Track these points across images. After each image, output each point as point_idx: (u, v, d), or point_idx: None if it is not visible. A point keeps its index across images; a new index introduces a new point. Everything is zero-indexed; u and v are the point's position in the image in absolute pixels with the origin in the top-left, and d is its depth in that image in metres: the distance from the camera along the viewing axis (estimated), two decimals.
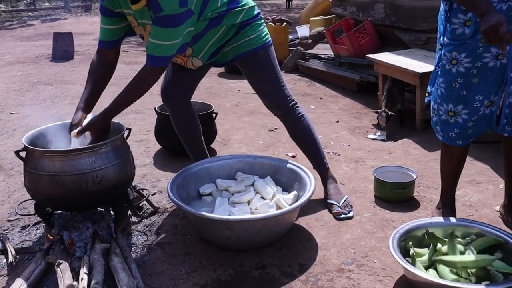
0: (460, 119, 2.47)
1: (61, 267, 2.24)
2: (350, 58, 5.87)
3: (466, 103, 2.43)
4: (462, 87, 2.41)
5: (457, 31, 2.36)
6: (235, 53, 2.76)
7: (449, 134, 2.54)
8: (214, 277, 2.33)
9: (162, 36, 2.41)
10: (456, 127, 2.50)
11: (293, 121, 2.93)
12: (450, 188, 2.74)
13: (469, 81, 2.39)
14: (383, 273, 2.33)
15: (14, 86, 6.21)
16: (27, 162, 2.51)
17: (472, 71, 2.37)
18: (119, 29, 2.66)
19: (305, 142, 3.00)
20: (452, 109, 2.47)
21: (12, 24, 13.48)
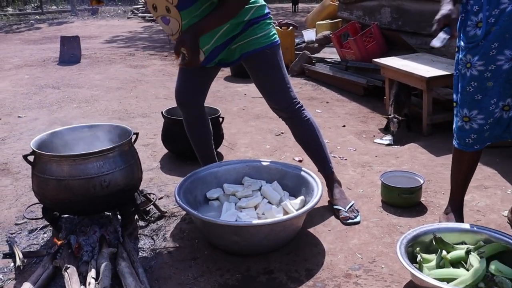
0: (475, 125, 2.44)
1: (68, 271, 2.24)
2: (357, 62, 5.87)
3: (481, 108, 2.40)
4: (476, 91, 2.39)
5: (470, 33, 2.35)
6: (241, 51, 2.73)
7: (465, 141, 2.51)
8: (221, 282, 2.33)
9: None
10: (472, 132, 2.47)
11: (299, 124, 2.90)
12: (459, 194, 2.72)
13: (483, 85, 2.36)
14: (391, 279, 2.32)
15: (21, 89, 6.23)
16: (35, 166, 2.52)
17: (486, 74, 2.34)
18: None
19: (310, 146, 2.97)
20: (467, 114, 2.45)
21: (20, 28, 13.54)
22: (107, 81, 6.66)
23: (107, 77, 6.87)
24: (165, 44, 9.83)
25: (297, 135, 2.97)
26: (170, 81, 6.68)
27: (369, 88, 5.56)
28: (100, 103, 5.60)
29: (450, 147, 3.81)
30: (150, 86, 6.41)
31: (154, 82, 6.62)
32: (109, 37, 11.21)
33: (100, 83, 6.56)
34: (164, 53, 8.67)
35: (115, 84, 6.50)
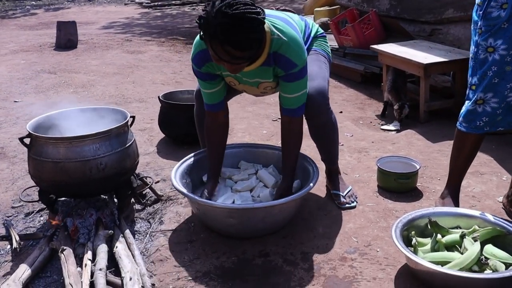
0: (488, 108, 2.45)
1: (65, 253, 2.26)
2: (355, 49, 5.85)
3: (496, 91, 2.40)
4: (494, 74, 2.38)
5: (493, 14, 2.31)
6: None
7: (476, 124, 2.50)
8: (217, 265, 2.34)
9: (303, 86, 2.46)
10: (484, 115, 2.47)
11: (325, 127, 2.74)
12: (457, 179, 2.73)
13: (502, 69, 2.36)
14: (386, 262, 2.34)
15: (17, 74, 6.20)
16: (31, 148, 2.52)
17: (507, 59, 2.34)
18: (222, 88, 2.61)
19: (326, 144, 2.85)
20: (482, 97, 2.44)
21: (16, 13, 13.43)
22: (103, 66, 6.63)
23: (104, 63, 6.83)
24: (163, 30, 9.78)
25: (316, 135, 2.80)
26: (167, 66, 6.65)
27: (366, 75, 5.55)
28: (96, 88, 5.58)
29: (446, 134, 3.85)
30: (147, 71, 6.39)
31: (151, 67, 6.59)
32: (106, 23, 11.12)
33: (96, 68, 6.53)
34: (161, 39, 8.62)
35: (112, 69, 6.47)
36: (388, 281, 2.21)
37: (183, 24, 10.69)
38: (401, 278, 2.22)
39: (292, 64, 2.35)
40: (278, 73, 2.43)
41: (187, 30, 9.81)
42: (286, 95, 2.48)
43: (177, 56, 7.36)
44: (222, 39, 2.08)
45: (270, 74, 2.45)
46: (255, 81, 2.53)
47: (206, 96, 2.61)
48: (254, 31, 2.14)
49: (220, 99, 2.63)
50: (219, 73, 2.52)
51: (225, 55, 2.14)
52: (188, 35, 9.09)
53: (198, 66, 2.49)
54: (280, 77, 2.44)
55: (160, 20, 11.52)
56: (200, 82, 2.58)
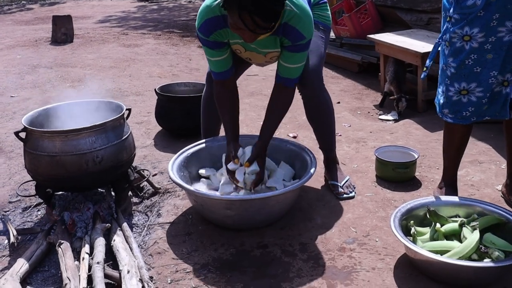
0: (473, 98, 2.42)
1: (62, 247, 2.24)
2: (351, 39, 5.83)
3: (480, 81, 2.38)
4: (475, 63, 2.35)
5: (468, 2, 2.28)
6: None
7: (462, 114, 2.48)
8: (215, 257, 2.33)
9: (305, 57, 2.50)
10: (470, 105, 2.44)
11: (319, 104, 2.78)
12: (452, 168, 2.73)
13: (483, 57, 2.33)
14: (385, 252, 2.33)
15: (13, 69, 6.17)
16: (27, 142, 2.50)
17: (486, 46, 2.31)
18: (229, 55, 2.61)
19: (323, 127, 2.87)
20: (465, 87, 2.41)
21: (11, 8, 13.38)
22: (100, 60, 6.61)
23: (100, 56, 6.81)
24: (159, 23, 9.75)
25: (311, 115, 2.84)
26: (164, 59, 6.63)
27: (363, 65, 5.53)
28: (93, 82, 5.56)
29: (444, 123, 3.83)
30: (143, 65, 6.37)
31: (148, 61, 6.57)
32: (102, 17, 11.08)
33: (93, 62, 6.50)
34: (157, 32, 8.59)
35: (108, 63, 6.44)
36: (387, 270, 2.20)
37: (179, 17, 10.65)
38: (400, 268, 2.21)
39: (301, 36, 2.38)
40: (284, 43, 2.45)
41: (184, 23, 9.78)
42: (287, 64, 2.50)
43: (174, 49, 7.33)
44: (252, 9, 2.09)
45: (278, 44, 2.48)
46: (264, 51, 2.55)
47: (214, 64, 2.61)
48: (280, 3, 2.19)
49: (228, 66, 2.63)
50: (226, 41, 2.53)
51: (251, 25, 2.15)
52: (184, 28, 9.06)
53: (206, 35, 2.48)
54: (286, 47, 2.46)
55: (156, 14, 11.47)
56: (208, 50, 2.56)
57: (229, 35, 2.47)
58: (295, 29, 2.36)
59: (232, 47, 2.60)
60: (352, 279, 2.15)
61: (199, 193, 2.43)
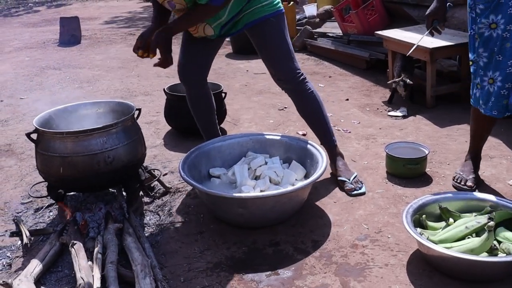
0: (495, 87, 2.44)
1: (75, 247, 2.25)
2: (359, 36, 5.81)
3: (500, 69, 2.40)
4: (498, 51, 2.38)
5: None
6: (246, 20, 2.70)
7: (489, 105, 2.50)
8: (227, 255, 2.33)
9: None
10: (492, 95, 2.47)
11: (302, 96, 2.87)
12: (476, 145, 2.86)
13: (503, 45, 2.35)
14: (397, 248, 2.32)
15: (22, 71, 6.21)
16: (38, 144, 2.52)
17: (505, 35, 2.33)
18: None
19: (314, 119, 2.94)
20: (492, 76, 2.44)
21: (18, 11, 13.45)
22: (108, 61, 6.63)
23: (108, 57, 6.83)
24: None
25: (300, 108, 2.94)
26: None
27: (371, 62, 5.51)
28: (101, 83, 5.58)
29: (454, 118, 3.83)
30: (151, 65, 6.31)
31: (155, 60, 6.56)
32: (109, 17, 11.12)
33: (101, 63, 6.52)
34: None
35: (116, 63, 6.46)
36: (400, 267, 2.20)
37: None
38: (413, 264, 2.21)
39: None
40: None
41: None
42: None
43: None
44: None
45: None
46: None
47: None
48: None
49: None
50: None
51: None
52: None
53: None
54: None
55: None
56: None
57: None
58: None
59: None
60: (365, 275, 2.15)
61: (211, 192, 2.43)
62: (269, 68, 2.84)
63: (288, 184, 2.63)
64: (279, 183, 2.67)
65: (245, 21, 2.71)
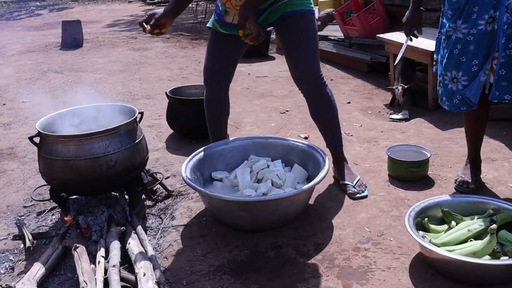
0: (460, 86, 2.55)
1: (78, 251, 2.26)
2: (360, 39, 5.82)
3: (464, 70, 2.51)
4: (461, 53, 2.50)
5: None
6: (284, 9, 2.64)
7: (453, 102, 2.62)
8: (230, 258, 2.34)
9: None
10: (458, 93, 2.58)
11: (321, 98, 2.81)
12: (472, 148, 2.91)
13: (466, 47, 2.48)
14: (400, 251, 2.33)
15: (25, 75, 6.22)
16: (41, 147, 2.52)
17: (469, 38, 2.46)
18: None
19: (327, 123, 2.90)
20: (456, 76, 2.56)
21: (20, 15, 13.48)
22: (110, 64, 6.64)
23: (110, 61, 6.84)
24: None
25: (315, 111, 2.87)
26: (173, 62, 6.66)
27: (373, 65, 5.53)
28: (103, 86, 5.59)
29: (456, 121, 3.83)
30: (153, 68, 6.39)
31: (157, 64, 6.60)
32: (111, 21, 11.15)
33: (103, 66, 6.54)
34: (166, 36, 8.61)
35: (118, 67, 6.48)
36: (403, 270, 2.20)
37: (187, 20, 10.68)
38: (415, 267, 2.21)
39: None
40: None
41: (192, 26, 9.81)
42: None
43: (183, 52, 7.36)
44: None
45: None
46: None
47: None
48: None
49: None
50: None
51: None
52: (193, 31, 9.09)
53: None
54: None
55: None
56: None
57: None
58: None
59: None
60: (367, 278, 2.15)
61: (213, 195, 2.43)
62: (292, 65, 2.77)
63: (290, 187, 2.63)
64: (281, 186, 2.67)
65: (282, 10, 2.64)
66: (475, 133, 2.85)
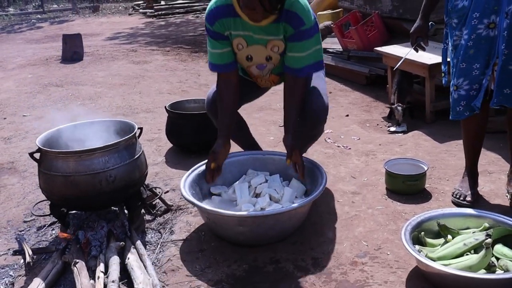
0: (462, 91, 2.61)
1: (77, 266, 2.27)
2: (359, 52, 5.86)
3: (465, 75, 2.57)
4: (462, 59, 2.56)
5: (458, 6, 2.53)
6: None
7: (456, 110, 2.68)
8: (228, 273, 2.35)
9: (313, 43, 2.63)
10: (461, 99, 2.63)
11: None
12: (470, 159, 2.94)
13: (466, 53, 2.53)
14: (396, 265, 2.34)
15: (25, 88, 6.26)
16: (41, 163, 2.55)
17: (469, 43, 2.51)
18: (231, 51, 2.73)
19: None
20: (455, 83, 2.62)
21: (21, 27, 13.56)
22: (110, 77, 6.68)
23: (110, 74, 6.88)
24: (167, 39, 9.84)
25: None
26: (173, 76, 6.69)
27: (371, 77, 5.56)
28: (103, 99, 5.62)
29: (453, 134, 3.86)
30: (153, 81, 6.43)
31: (157, 77, 6.64)
32: (111, 34, 11.21)
33: (103, 80, 6.58)
34: (166, 48, 8.67)
35: (118, 80, 6.51)
36: (400, 284, 2.21)
37: (187, 32, 10.74)
38: (412, 281, 2.22)
39: (302, 21, 2.54)
40: (287, 31, 2.58)
41: (192, 38, 9.86)
42: (293, 54, 2.64)
43: (183, 65, 7.39)
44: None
45: (280, 31, 2.60)
46: (267, 38, 2.64)
47: (218, 56, 2.72)
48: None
49: (231, 59, 2.74)
50: (227, 34, 2.65)
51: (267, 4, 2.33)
52: (192, 44, 9.14)
53: (211, 23, 2.63)
54: (290, 37, 2.59)
55: (164, 29, 11.58)
56: (212, 42, 2.69)
57: (232, 26, 2.61)
58: (295, 14, 2.52)
59: (233, 43, 2.69)
60: None
61: (211, 211, 2.45)
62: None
63: (288, 202, 2.65)
64: (280, 200, 2.69)
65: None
66: (473, 144, 2.89)
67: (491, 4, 2.43)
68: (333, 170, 3.42)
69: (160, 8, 14.74)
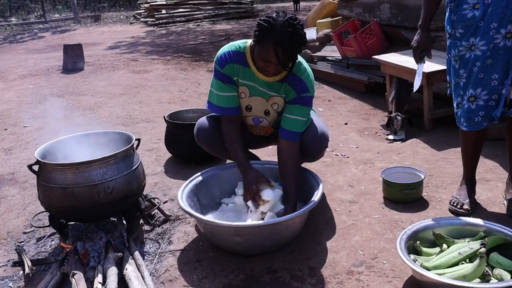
0: (481, 101, 2.60)
1: (76, 277, 2.29)
2: (358, 60, 5.89)
3: (484, 85, 2.56)
4: (479, 70, 2.55)
5: (467, 15, 2.51)
6: None
7: (474, 120, 2.66)
8: (225, 283, 2.37)
9: (305, 113, 2.74)
10: (479, 110, 2.62)
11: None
12: (468, 169, 2.96)
13: (484, 63, 2.53)
14: (392, 274, 2.35)
15: (26, 99, 6.29)
16: (40, 175, 2.57)
17: (487, 53, 2.51)
18: (237, 96, 2.80)
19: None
20: (473, 94, 2.60)
21: (23, 37, 13.64)
22: (110, 87, 6.72)
23: (111, 84, 6.92)
24: (167, 48, 9.89)
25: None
26: (173, 85, 6.72)
27: (370, 85, 5.59)
28: (104, 109, 5.65)
29: (451, 141, 3.87)
30: (153, 91, 6.46)
31: (157, 86, 6.67)
32: (112, 43, 11.27)
33: (103, 89, 6.61)
34: (166, 57, 8.71)
35: (118, 90, 6.55)
36: None
37: (188, 41, 10.79)
38: None
39: (306, 88, 2.68)
40: (288, 93, 2.69)
41: (192, 47, 9.90)
42: (292, 116, 2.71)
43: (183, 74, 7.43)
44: (287, 45, 2.40)
45: (282, 90, 2.72)
46: (270, 93, 2.74)
47: (226, 99, 2.77)
48: (303, 47, 2.52)
49: (237, 104, 2.81)
50: (236, 79, 2.72)
51: (282, 58, 2.43)
52: (193, 52, 9.17)
53: (221, 66, 2.69)
54: (292, 100, 2.69)
55: (165, 38, 11.64)
56: (221, 85, 2.74)
57: (240, 73, 2.69)
58: (301, 80, 2.65)
59: (238, 89, 2.77)
60: None
61: (208, 221, 2.47)
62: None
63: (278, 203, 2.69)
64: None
65: None
66: (472, 153, 2.91)
67: (508, 14, 2.44)
68: (331, 179, 3.43)
69: (161, 16, 14.82)
